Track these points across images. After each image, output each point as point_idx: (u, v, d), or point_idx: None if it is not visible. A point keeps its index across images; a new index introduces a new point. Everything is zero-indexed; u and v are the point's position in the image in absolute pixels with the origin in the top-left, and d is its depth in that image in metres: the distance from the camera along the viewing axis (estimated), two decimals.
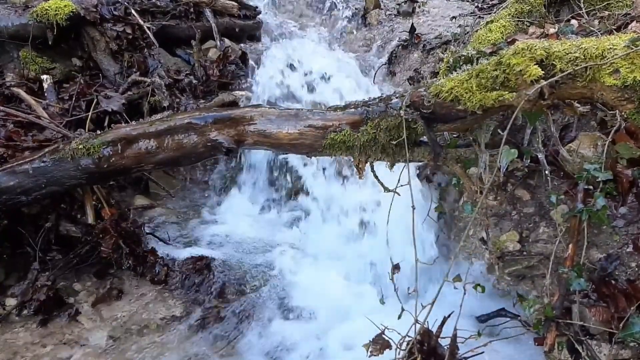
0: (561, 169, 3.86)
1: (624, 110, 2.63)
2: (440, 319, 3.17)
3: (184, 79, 5.63)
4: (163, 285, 4.25)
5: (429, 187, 4.67)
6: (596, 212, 3.40)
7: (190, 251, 4.52)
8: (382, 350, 3.05)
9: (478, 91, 2.90)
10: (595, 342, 3.27)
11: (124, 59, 5.50)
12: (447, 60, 3.41)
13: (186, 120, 3.66)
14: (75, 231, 4.23)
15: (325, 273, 4.58)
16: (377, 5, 7.41)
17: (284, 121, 3.50)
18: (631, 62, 2.51)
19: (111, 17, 5.40)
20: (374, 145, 3.32)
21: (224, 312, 4.11)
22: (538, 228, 3.99)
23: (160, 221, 4.97)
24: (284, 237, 5.05)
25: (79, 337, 3.82)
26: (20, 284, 4.01)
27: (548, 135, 3.96)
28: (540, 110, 2.95)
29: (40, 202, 4.00)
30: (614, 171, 3.51)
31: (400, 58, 6.48)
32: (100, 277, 4.23)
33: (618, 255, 3.50)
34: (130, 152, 3.72)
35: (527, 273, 3.98)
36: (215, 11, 6.28)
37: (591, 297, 3.44)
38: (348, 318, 4.13)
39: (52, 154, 3.77)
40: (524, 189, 4.10)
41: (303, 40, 6.88)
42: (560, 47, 2.71)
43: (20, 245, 4.12)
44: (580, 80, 2.65)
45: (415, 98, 3.19)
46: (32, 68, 5.18)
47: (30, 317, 3.88)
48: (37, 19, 5.05)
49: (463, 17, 6.51)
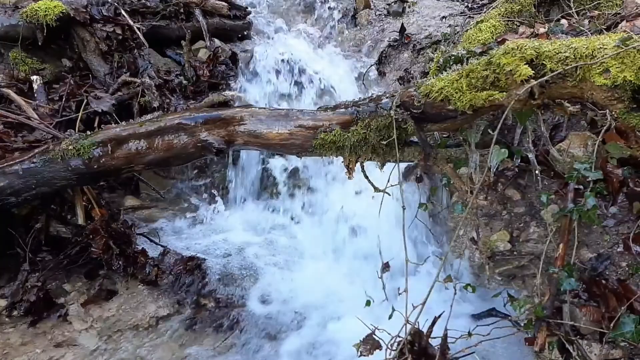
0: (551, 168, 3.87)
1: (614, 109, 2.64)
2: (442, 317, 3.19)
3: (174, 80, 5.62)
4: (154, 285, 4.25)
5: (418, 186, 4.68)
6: (586, 212, 3.41)
7: (181, 251, 4.50)
8: (373, 350, 3.06)
9: (468, 91, 2.91)
10: (586, 341, 3.28)
11: (114, 60, 5.48)
12: (437, 60, 3.41)
13: (176, 121, 3.65)
14: (65, 232, 4.22)
15: (320, 272, 4.62)
16: (367, 5, 7.41)
17: (274, 121, 3.49)
18: (621, 61, 2.52)
19: (101, 18, 5.37)
20: (364, 145, 3.32)
21: (215, 312, 4.11)
22: (528, 228, 4.00)
23: (151, 221, 4.96)
24: (276, 235, 5.05)
25: (69, 337, 3.82)
26: (10, 285, 4.00)
27: (538, 134, 3.97)
28: (530, 110, 2.96)
29: (30, 203, 3.99)
30: (604, 171, 3.52)
31: (390, 58, 6.47)
32: (90, 277, 4.22)
33: (609, 255, 3.51)
34: (120, 152, 3.70)
35: (517, 273, 3.99)
36: (205, 12, 6.26)
37: (582, 297, 3.45)
38: (339, 317, 4.15)
39: (42, 154, 3.75)
40: (514, 189, 4.11)
41: (293, 41, 6.87)
42: (550, 46, 2.72)
43: (10, 246, 4.10)
44: (570, 79, 2.66)
45: (405, 98, 3.19)
46: (22, 69, 5.16)
47: (20, 318, 3.87)
48: (27, 20, 5.02)
49: (453, 17, 6.51)
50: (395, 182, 3.33)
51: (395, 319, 3.06)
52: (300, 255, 4.86)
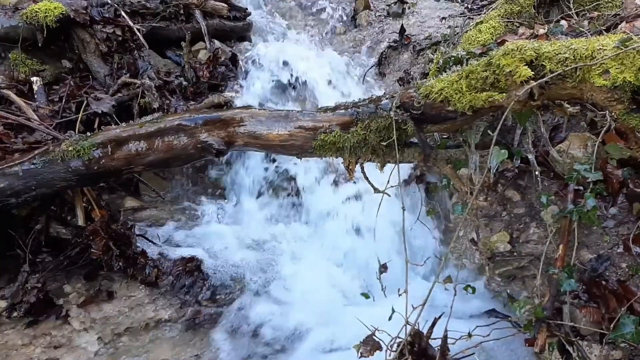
0: (551, 169, 3.87)
1: (614, 110, 2.64)
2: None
3: (174, 81, 5.61)
4: (153, 286, 4.24)
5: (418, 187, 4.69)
6: (586, 213, 3.41)
7: (181, 252, 4.50)
8: (373, 351, 3.05)
9: (468, 92, 2.91)
10: (586, 342, 3.28)
11: (114, 61, 5.47)
12: (437, 61, 3.42)
13: (176, 122, 3.65)
14: (65, 233, 4.22)
15: (321, 272, 4.61)
16: (367, 6, 7.41)
17: (274, 122, 3.49)
18: (621, 62, 2.52)
19: (101, 19, 5.37)
20: (364, 146, 3.32)
21: (215, 313, 4.11)
22: (528, 229, 4.00)
23: (151, 223, 4.95)
24: (277, 236, 5.04)
25: (69, 339, 3.82)
26: (10, 286, 3.99)
27: (538, 135, 3.97)
28: (530, 111, 2.96)
29: (30, 204, 3.98)
30: (604, 172, 3.52)
31: (390, 59, 6.47)
32: (90, 279, 4.22)
33: (608, 256, 3.52)
34: (120, 153, 3.70)
35: (517, 274, 3.99)
36: (205, 13, 6.26)
37: (582, 298, 3.46)
38: (338, 317, 4.15)
39: (42, 155, 3.74)
40: (514, 190, 4.11)
41: (293, 42, 6.87)
42: (550, 47, 2.72)
43: (10, 247, 4.09)
44: (570, 80, 2.66)
45: (405, 99, 3.20)
46: (21, 70, 5.15)
47: (20, 319, 3.86)
48: (27, 21, 5.01)
49: (453, 18, 6.50)
50: (402, 184, 3.34)
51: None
52: (309, 256, 4.85)
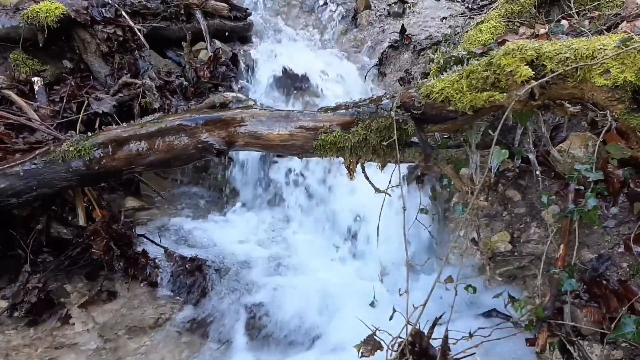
0: (552, 169, 3.87)
1: (615, 110, 2.64)
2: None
3: (174, 81, 5.61)
4: (154, 286, 4.24)
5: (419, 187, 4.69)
6: (587, 213, 3.40)
7: (182, 252, 4.50)
8: (374, 351, 3.05)
9: (469, 92, 2.90)
10: (587, 342, 3.27)
11: (115, 61, 5.48)
12: (438, 61, 3.41)
13: (177, 122, 3.66)
14: (66, 233, 4.22)
15: (321, 273, 4.60)
16: (367, 6, 7.41)
17: (274, 122, 3.49)
18: (622, 62, 2.52)
19: (102, 19, 5.37)
20: (365, 146, 3.32)
21: (216, 314, 4.11)
22: (529, 228, 3.99)
23: (152, 223, 4.96)
24: (278, 237, 5.05)
25: (70, 339, 3.81)
26: (11, 286, 4.00)
27: (539, 135, 3.97)
28: (530, 111, 2.96)
29: (31, 204, 3.99)
30: (604, 171, 3.52)
31: (390, 59, 6.47)
32: (91, 278, 4.22)
33: (609, 256, 3.51)
34: (121, 153, 3.71)
35: (518, 273, 3.99)
36: (205, 13, 6.27)
37: (582, 298, 3.45)
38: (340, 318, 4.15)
39: (43, 156, 3.75)
40: (515, 190, 4.11)
41: (293, 41, 6.88)
42: (550, 47, 2.72)
43: (11, 247, 4.10)
44: (570, 80, 2.66)
45: (405, 99, 3.19)
46: (23, 70, 5.16)
47: (21, 319, 3.87)
48: (28, 21, 5.03)
49: (453, 18, 6.51)
50: (403, 186, 3.34)
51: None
52: (303, 256, 4.84)
